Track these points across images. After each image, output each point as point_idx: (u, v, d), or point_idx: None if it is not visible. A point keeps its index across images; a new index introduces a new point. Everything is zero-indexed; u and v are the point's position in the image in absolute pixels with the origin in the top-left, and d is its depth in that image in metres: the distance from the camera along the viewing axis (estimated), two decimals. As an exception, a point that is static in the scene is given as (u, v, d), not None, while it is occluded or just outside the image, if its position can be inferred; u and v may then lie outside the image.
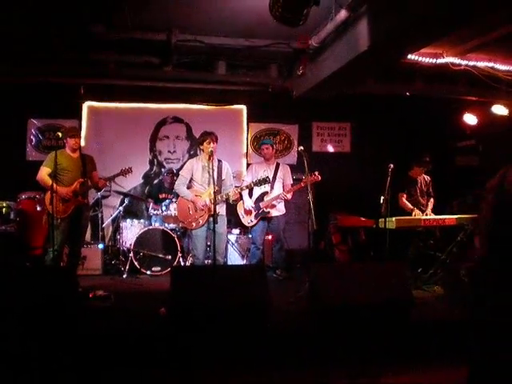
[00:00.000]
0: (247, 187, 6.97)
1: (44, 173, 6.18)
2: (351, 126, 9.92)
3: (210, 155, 6.48)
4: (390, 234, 6.33)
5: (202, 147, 6.66)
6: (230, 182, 6.77)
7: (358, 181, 9.14)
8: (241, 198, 7.40)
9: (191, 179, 6.74)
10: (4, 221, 7.55)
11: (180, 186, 6.72)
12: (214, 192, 5.97)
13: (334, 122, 9.85)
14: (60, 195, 6.06)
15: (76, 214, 6.24)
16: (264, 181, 6.76)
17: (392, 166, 6.46)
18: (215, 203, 5.98)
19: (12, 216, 7.56)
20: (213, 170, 6.25)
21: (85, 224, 6.62)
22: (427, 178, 7.84)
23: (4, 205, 7.51)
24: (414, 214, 7.31)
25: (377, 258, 7.24)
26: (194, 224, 6.56)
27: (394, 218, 6.68)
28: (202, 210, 6.49)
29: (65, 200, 6.11)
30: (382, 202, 6.48)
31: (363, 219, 7.77)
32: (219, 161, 6.71)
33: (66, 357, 4.05)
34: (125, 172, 6.74)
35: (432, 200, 7.74)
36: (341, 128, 9.92)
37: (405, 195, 7.56)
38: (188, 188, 6.77)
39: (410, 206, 7.46)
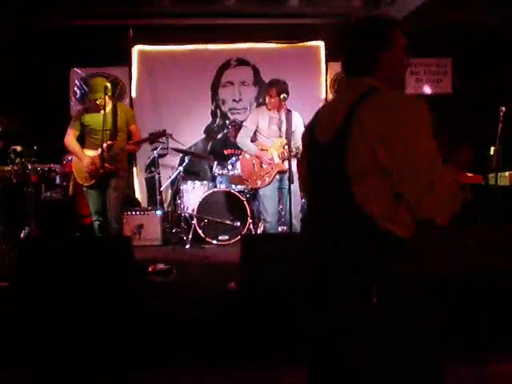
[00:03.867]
0: None
1: (70, 137, 6.23)
2: (453, 63, 9.63)
3: (275, 107, 6.55)
4: (503, 193, 6.18)
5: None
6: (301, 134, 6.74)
7: (461, 128, 8.92)
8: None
9: (256, 131, 6.78)
10: (49, 186, 7.87)
11: (243, 138, 6.82)
12: (287, 145, 5.99)
13: (432, 57, 9.59)
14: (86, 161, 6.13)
15: (104, 183, 6.13)
16: None
17: (504, 109, 6.27)
18: (290, 157, 6.01)
19: (58, 181, 7.86)
20: (281, 120, 6.28)
21: (115, 195, 6.25)
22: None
23: (47, 168, 7.80)
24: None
25: (486, 220, 7.10)
26: (259, 182, 6.66)
27: (507, 173, 6.51)
28: (269, 165, 6.57)
29: (91, 164, 6.07)
30: (492, 153, 6.32)
31: (469, 174, 7.60)
32: (288, 110, 6.69)
33: (120, 340, 4.24)
34: (156, 136, 6.57)
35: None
36: (440, 65, 9.64)
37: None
38: (252, 141, 6.84)
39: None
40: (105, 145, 5.98)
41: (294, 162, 6.55)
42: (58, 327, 4.25)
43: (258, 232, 7.81)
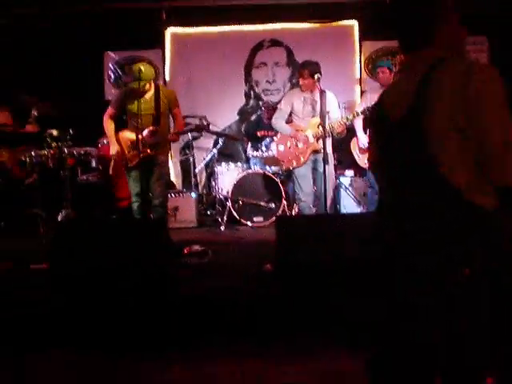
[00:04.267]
0: (354, 117, 6.83)
1: (106, 116, 6.23)
2: (489, 41, 9.44)
3: (308, 88, 6.57)
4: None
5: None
6: (336, 114, 6.74)
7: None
8: (354, 133, 7.34)
9: (291, 113, 6.82)
10: (85, 169, 7.97)
11: (278, 119, 6.86)
12: (321, 125, 5.97)
13: (468, 34, 9.38)
14: (124, 141, 6.18)
15: (145, 167, 6.12)
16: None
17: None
18: (324, 136, 5.99)
19: (94, 164, 7.95)
20: (315, 100, 6.27)
21: (158, 173, 6.25)
22: None
23: (83, 152, 7.87)
24: None
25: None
26: (294, 162, 6.68)
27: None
28: (304, 144, 6.59)
29: (133, 147, 6.05)
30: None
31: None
32: (322, 91, 6.66)
33: (159, 321, 4.28)
34: (200, 128, 6.54)
35: None
36: (476, 42, 9.45)
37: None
38: (287, 123, 6.86)
39: None
40: (147, 130, 6.01)
41: (329, 142, 6.57)
42: (94, 310, 4.30)
43: (293, 213, 7.81)
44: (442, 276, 2.03)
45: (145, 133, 6.01)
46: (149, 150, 6.04)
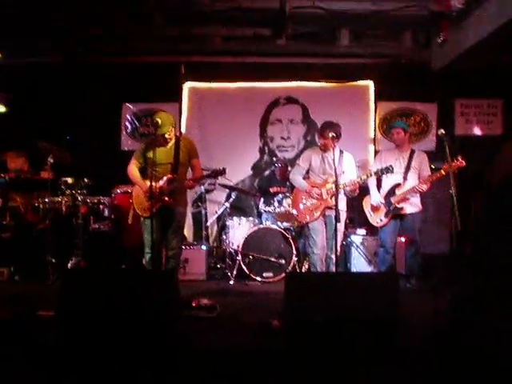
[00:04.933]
0: (367, 177, 6.91)
1: (133, 167, 6.34)
2: (504, 104, 9.52)
3: (327, 148, 6.74)
4: None
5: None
6: (352, 176, 6.82)
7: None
8: (367, 191, 7.37)
9: (308, 170, 6.97)
10: (98, 218, 8.01)
11: (296, 175, 7.01)
12: (335, 182, 6.03)
13: (482, 98, 9.50)
14: (142, 191, 6.21)
15: (163, 215, 6.17)
16: (386, 170, 6.68)
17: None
18: (337, 194, 6.02)
19: (107, 213, 8.01)
20: (332, 159, 6.38)
21: (175, 225, 6.32)
22: None
23: (96, 201, 7.95)
24: None
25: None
26: (308, 217, 6.80)
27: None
28: (317, 199, 6.72)
29: (150, 197, 5.87)
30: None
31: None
32: (341, 151, 6.83)
33: (163, 373, 4.24)
34: (217, 173, 6.41)
35: None
36: (490, 106, 9.55)
37: None
38: (304, 179, 6.99)
39: None
40: (165, 178, 6.09)
41: (343, 200, 6.66)
42: (100, 359, 4.27)
43: (303, 270, 7.79)
44: None
45: (162, 181, 6.08)
46: (166, 198, 6.09)
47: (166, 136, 6.14)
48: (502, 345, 4.44)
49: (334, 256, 6.44)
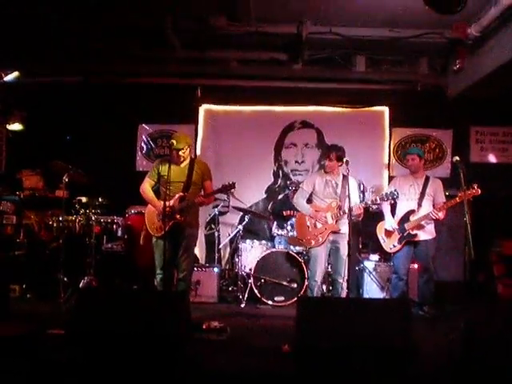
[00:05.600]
0: (373, 202, 6.89)
1: (146, 185, 6.38)
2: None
3: (332, 170, 6.84)
4: None
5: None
6: (354, 200, 6.80)
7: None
8: (381, 217, 7.34)
9: (312, 193, 7.01)
10: (111, 238, 8.03)
11: (299, 199, 7.05)
12: (338, 206, 6.05)
13: (498, 126, 9.47)
14: (153, 211, 6.25)
15: (174, 235, 6.16)
16: (392, 194, 6.65)
17: None
18: (350, 220, 6.01)
19: (120, 233, 8.01)
20: (336, 183, 6.46)
21: (186, 247, 6.27)
22: None
23: (110, 221, 7.97)
24: None
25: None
26: (312, 242, 6.81)
27: None
28: (323, 225, 6.74)
29: (163, 217, 5.90)
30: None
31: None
32: (344, 176, 6.79)
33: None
34: (227, 188, 6.33)
35: None
36: (506, 134, 9.51)
37: None
38: (308, 202, 7.02)
39: None
40: (177, 196, 6.12)
41: (346, 223, 6.64)
42: (111, 378, 4.25)
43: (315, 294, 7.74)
44: None
45: (173, 200, 6.10)
46: (178, 216, 6.09)
47: (181, 153, 6.18)
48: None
49: (341, 280, 6.61)
